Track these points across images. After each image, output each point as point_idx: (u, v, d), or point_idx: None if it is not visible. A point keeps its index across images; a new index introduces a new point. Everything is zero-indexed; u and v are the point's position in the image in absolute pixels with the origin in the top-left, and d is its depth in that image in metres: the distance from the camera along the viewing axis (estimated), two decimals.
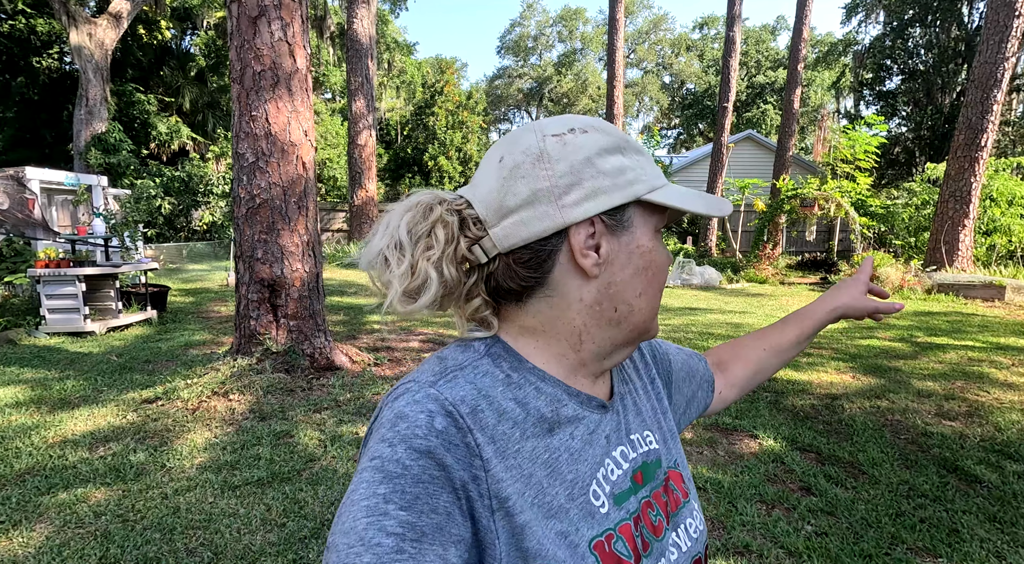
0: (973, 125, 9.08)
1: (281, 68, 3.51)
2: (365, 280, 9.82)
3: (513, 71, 41.66)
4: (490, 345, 0.51)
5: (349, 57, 12.51)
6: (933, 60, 16.81)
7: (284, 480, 2.48)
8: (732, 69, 12.71)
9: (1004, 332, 6.31)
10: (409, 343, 5.23)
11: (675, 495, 0.57)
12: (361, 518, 0.38)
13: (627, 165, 0.48)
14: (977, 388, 4.17)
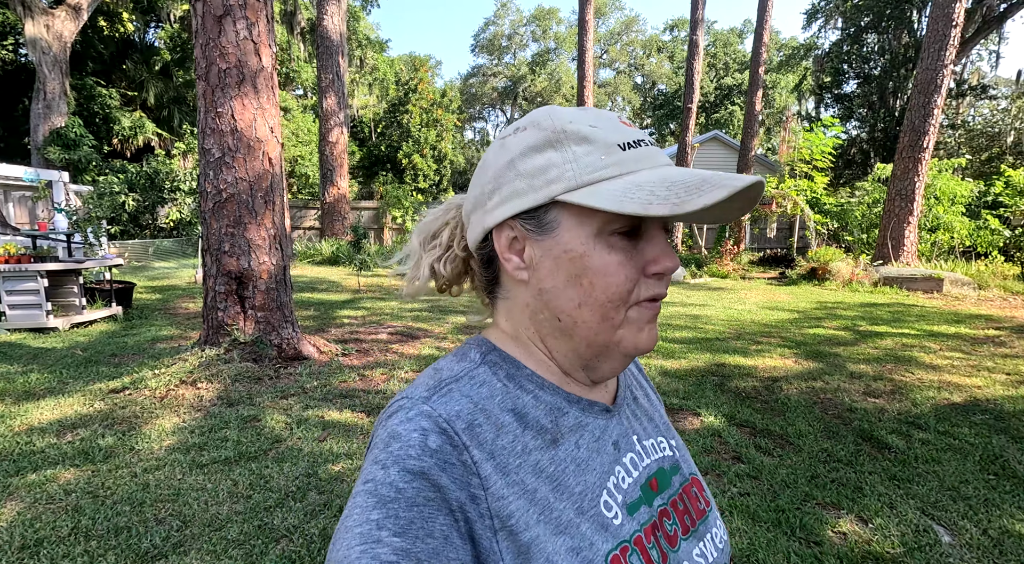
0: (916, 128, 9.64)
1: (247, 66, 3.61)
2: (336, 277, 9.90)
3: (487, 70, 41.75)
4: (486, 353, 0.50)
5: (319, 54, 12.47)
6: (885, 65, 17.64)
7: (251, 459, 2.61)
8: (696, 71, 13.13)
9: (938, 321, 6.78)
10: (378, 335, 5.37)
11: (698, 504, 0.55)
12: (355, 546, 0.37)
13: (552, 163, 0.45)
14: (904, 370, 4.54)
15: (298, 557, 1.89)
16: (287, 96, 22.55)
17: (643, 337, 0.47)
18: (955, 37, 9.25)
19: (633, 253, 0.45)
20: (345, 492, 2.34)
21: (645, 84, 40.31)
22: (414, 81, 25.36)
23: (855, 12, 17.91)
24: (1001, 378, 4.32)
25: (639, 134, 0.46)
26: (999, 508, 2.33)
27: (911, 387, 4.07)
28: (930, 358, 4.95)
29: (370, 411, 3.30)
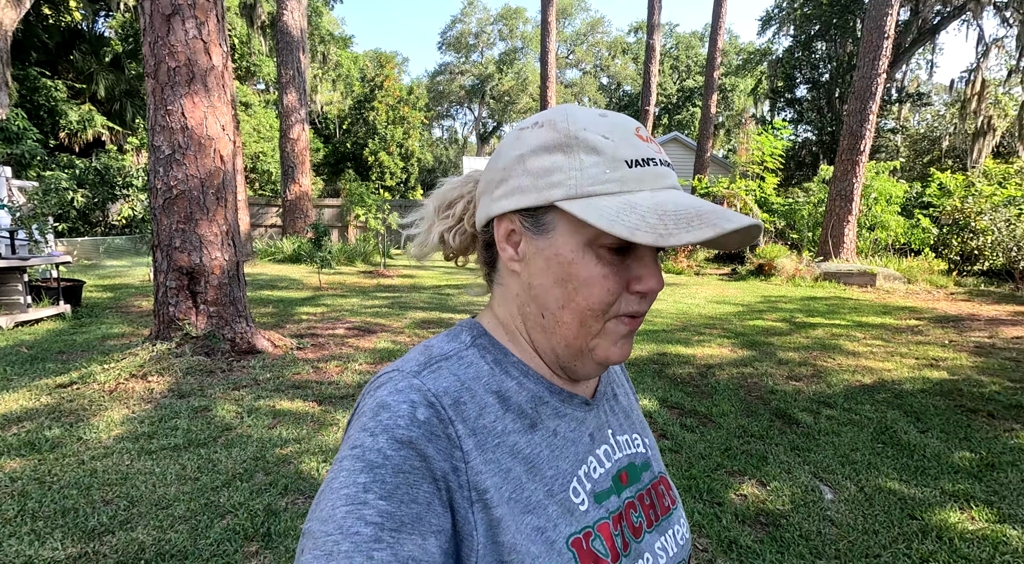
0: (854, 132, 10.27)
1: (197, 65, 3.66)
2: (298, 274, 9.86)
3: (455, 67, 41.67)
4: (476, 336, 0.52)
5: (279, 49, 12.32)
6: (832, 72, 18.57)
7: (200, 445, 2.71)
8: (652, 75, 13.56)
9: (868, 312, 7.30)
10: (335, 330, 5.46)
11: (664, 501, 0.57)
12: (340, 506, 0.38)
13: (558, 167, 0.45)
14: (827, 356, 4.93)
15: (242, 529, 2.03)
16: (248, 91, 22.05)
17: (615, 350, 0.48)
18: (887, 48, 9.89)
19: (620, 268, 0.46)
20: (292, 473, 2.47)
21: (611, 84, 41.00)
22: (380, 78, 25.17)
23: (805, 20, 18.77)
24: (910, 362, 4.75)
25: (651, 152, 0.46)
26: (878, 470, 2.65)
27: (829, 371, 4.44)
28: (853, 346, 5.37)
29: (322, 401, 3.42)
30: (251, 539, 1.98)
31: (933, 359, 4.87)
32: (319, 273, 9.43)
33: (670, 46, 36.02)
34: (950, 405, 3.62)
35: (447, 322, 6.07)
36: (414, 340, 5.14)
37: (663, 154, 0.48)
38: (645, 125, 14.75)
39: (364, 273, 10.68)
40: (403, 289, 8.73)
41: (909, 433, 3.12)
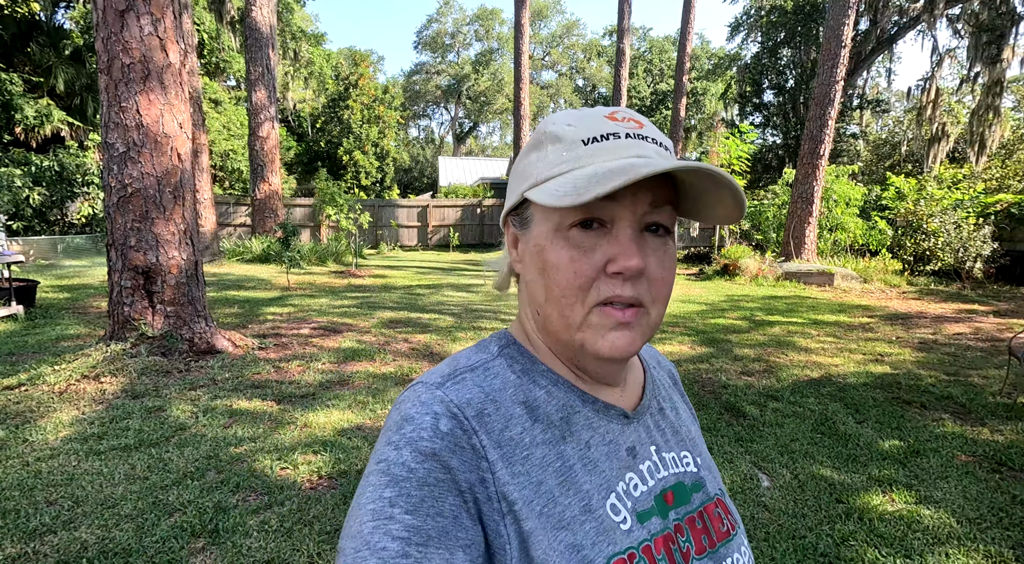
0: (814, 137, 10.63)
1: (152, 62, 3.62)
2: (266, 274, 9.73)
3: (431, 67, 41.49)
4: (504, 346, 0.51)
5: (248, 46, 12.12)
6: (797, 78, 19.17)
7: (151, 445, 2.70)
8: (623, 78, 13.78)
9: (825, 311, 7.59)
10: (300, 330, 5.43)
11: (720, 526, 0.52)
12: (367, 522, 0.38)
13: (531, 162, 0.47)
14: (780, 353, 5.13)
15: (189, 526, 2.04)
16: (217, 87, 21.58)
17: (603, 343, 0.45)
18: (845, 56, 10.28)
19: (592, 250, 0.44)
20: (245, 471, 2.49)
21: (586, 86, 41.39)
22: (354, 76, 24.92)
23: (771, 28, 19.32)
24: (857, 358, 4.98)
25: (617, 128, 0.45)
26: (814, 458, 2.80)
27: (781, 367, 4.62)
28: (806, 342, 5.59)
29: (281, 400, 3.43)
30: (198, 535, 2.00)
31: (879, 354, 5.10)
32: (288, 273, 9.32)
33: (644, 50, 36.57)
34: (888, 397, 3.82)
35: (416, 322, 6.09)
36: (380, 340, 5.16)
37: (645, 130, 0.46)
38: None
39: (335, 273, 10.59)
40: (374, 289, 8.70)
41: (847, 424, 3.29)
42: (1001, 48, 14.54)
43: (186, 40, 7.26)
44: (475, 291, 8.82)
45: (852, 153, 19.36)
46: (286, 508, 2.19)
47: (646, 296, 0.45)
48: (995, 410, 3.56)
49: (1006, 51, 14.65)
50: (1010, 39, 14.57)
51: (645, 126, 0.47)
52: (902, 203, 11.54)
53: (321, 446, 2.77)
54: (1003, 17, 14.48)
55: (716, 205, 0.46)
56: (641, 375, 0.58)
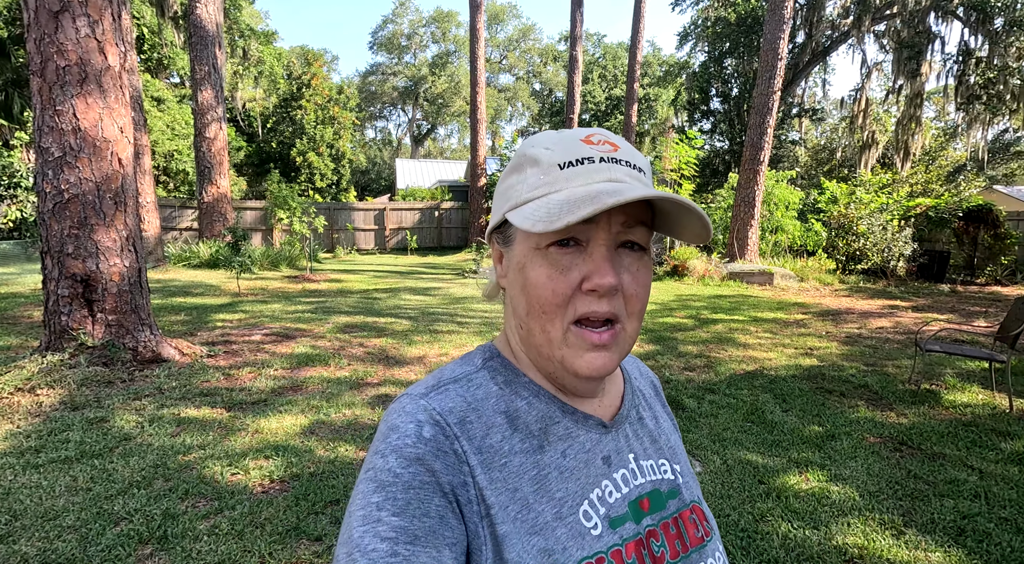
0: (755, 144, 11.24)
1: (90, 65, 3.52)
2: (216, 280, 9.44)
3: (387, 68, 41.01)
4: (488, 359, 0.53)
5: (193, 44, 11.70)
6: (740, 86, 20.14)
7: (94, 456, 2.65)
8: (576, 85, 14.12)
9: (765, 308, 8.05)
10: (251, 337, 5.35)
11: (695, 532, 0.54)
12: (357, 527, 0.40)
13: (512, 184, 0.49)
14: (721, 349, 5.45)
15: (136, 534, 2.04)
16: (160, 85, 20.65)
17: (581, 363, 0.47)
18: (782, 68, 10.93)
19: (569, 268, 0.46)
20: (194, 478, 2.49)
21: (543, 90, 41.92)
22: (307, 76, 24.37)
23: (716, 38, 20.23)
24: (790, 352, 5.36)
25: (592, 152, 0.47)
26: (742, 445, 3.04)
27: (720, 361, 4.92)
28: (745, 338, 5.95)
29: (231, 407, 3.40)
30: (146, 542, 2.01)
31: (809, 348, 5.50)
32: (238, 279, 9.08)
33: (598, 56, 37.40)
34: (813, 387, 4.15)
35: (372, 326, 6.10)
36: (335, 344, 5.15)
37: (619, 153, 0.48)
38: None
39: (289, 278, 10.37)
40: (329, 294, 8.60)
41: (774, 413, 3.57)
42: (920, 63, 15.79)
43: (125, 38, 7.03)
44: (433, 294, 8.86)
45: (792, 158, 20.50)
46: (237, 512, 2.22)
47: (621, 311, 0.47)
48: (903, 396, 3.94)
49: (924, 66, 15.91)
50: (927, 55, 15.84)
51: (620, 149, 0.48)
52: (835, 206, 12.34)
53: (273, 451, 2.79)
54: (921, 35, 15.73)
55: (687, 226, 0.49)
56: (621, 385, 0.59)
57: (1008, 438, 3.17)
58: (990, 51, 15.11)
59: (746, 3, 19.34)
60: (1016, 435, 3.21)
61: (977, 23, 15.08)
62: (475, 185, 16.58)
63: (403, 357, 4.81)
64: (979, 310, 8.17)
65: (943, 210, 11.71)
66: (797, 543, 2.11)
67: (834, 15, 17.80)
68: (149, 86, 19.38)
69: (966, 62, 15.67)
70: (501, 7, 40.91)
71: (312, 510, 2.27)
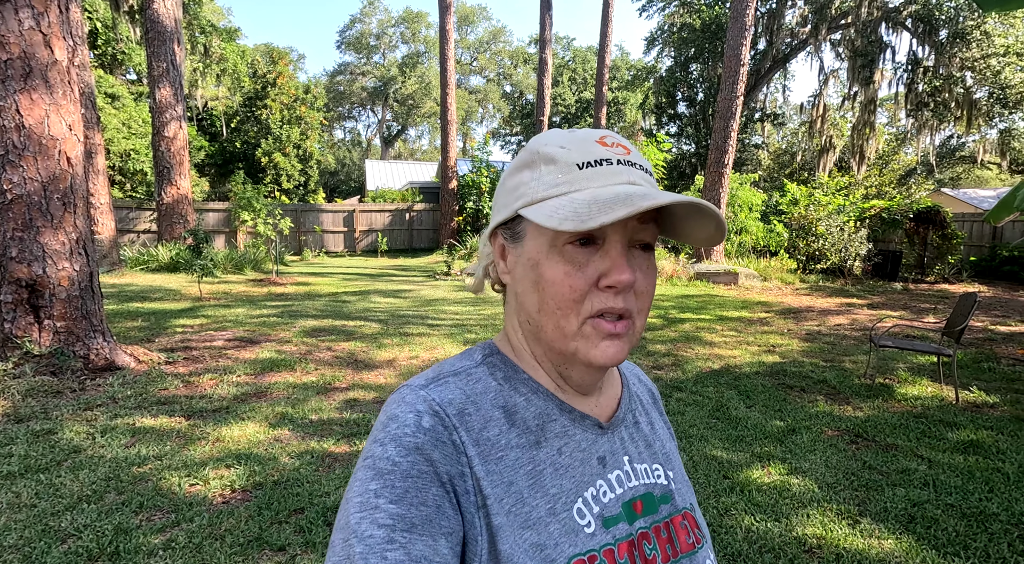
0: (719, 147, 11.54)
1: (35, 59, 3.34)
2: (176, 284, 9.11)
3: (356, 68, 40.43)
4: (488, 355, 0.54)
5: (150, 39, 11.28)
6: (706, 91, 20.65)
7: (40, 471, 2.51)
8: (546, 87, 14.22)
9: (730, 308, 8.26)
10: (213, 342, 5.17)
11: (686, 537, 0.54)
12: (354, 513, 0.41)
13: (523, 181, 0.50)
14: (688, 347, 5.56)
15: (86, 551, 1.94)
16: (115, 81, 19.83)
17: (596, 352, 0.47)
18: (744, 74, 11.26)
19: (586, 265, 0.47)
20: (149, 490, 2.39)
21: (514, 93, 42.06)
22: (272, 74, 23.81)
23: (682, 43, 20.68)
24: (753, 349, 5.51)
25: (609, 153, 0.48)
26: (707, 441, 3.10)
27: (687, 360, 5.02)
28: (711, 337, 6.09)
29: (191, 415, 3.28)
30: (96, 559, 1.91)
31: (772, 346, 5.67)
32: (200, 283, 8.78)
33: (568, 59, 37.76)
34: (775, 384, 4.28)
35: (340, 329, 5.99)
36: (301, 349, 5.03)
37: (632, 156, 0.49)
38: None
39: (253, 282, 10.09)
40: (296, 297, 8.40)
41: (738, 409, 3.66)
42: (872, 71, 16.51)
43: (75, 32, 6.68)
44: (404, 297, 8.76)
45: (755, 162, 21.13)
46: (195, 524, 2.14)
47: (634, 307, 0.48)
48: (859, 390, 4.10)
49: (877, 74, 16.65)
50: (880, 64, 16.58)
51: (632, 152, 0.50)
52: (795, 208, 12.77)
53: (235, 460, 2.70)
54: (873, 45, 16.46)
55: (698, 229, 0.50)
56: (619, 389, 0.60)
57: (954, 428, 3.34)
58: (936, 61, 15.93)
59: (710, 10, 19.86)
60: (961, 425, 3.38)
61: (924, 34, 15.88)
62: (446, 187, 16.49)
63: (372, 361, 4.73)
64: (929, 307, 8.59)
65: (895, 211, 12.26)
66: (759, 535, 2.17)
67: (793, 23, 18.45)
68: (103, 82, 18.60)
69: (915, 71, 16.48)
70: (471, 9, 40.89)
71: (276, 520, 2.21)
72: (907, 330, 6.48)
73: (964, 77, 15.86)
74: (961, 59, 15.44)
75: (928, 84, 16.30)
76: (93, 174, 9.67)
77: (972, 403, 3.84)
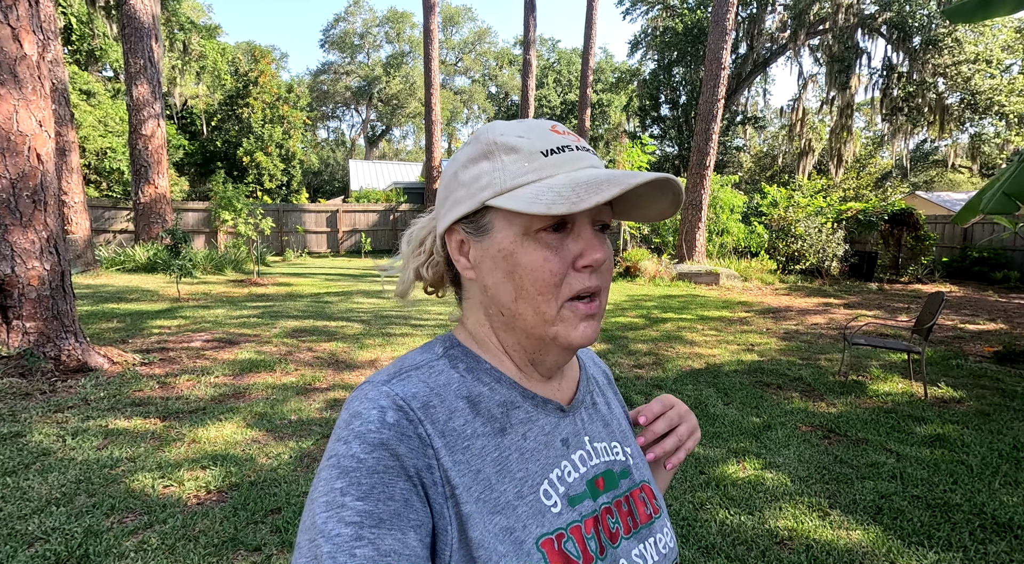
0: (701, 149, 11.69)
1: (3, 53, 3.26)
2: (154, 285, 8.95)
3: (340, 67, 40.09)
4: (449, 348, 0.54)
5: (126, 35, 11.06)
6: (688, 94, 20.90)
7: (7, 474, 2.45)
8: (530, 88, 14.28)
9: (711, 307, 8.37)
10: (191, 343, 5.09)
11: (644, 509, 0.57)
12: (320, 513, 0.40)
13: (484, 172, 0.49)
14: (669, 347, 5.62)
15: (54, 554, 1.91)
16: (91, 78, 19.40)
17: (576, 334, 0.49)
18: (725, 77, 11.43)
19: (560, 249, 0.48)
20: (122, 492, 2.35)
21: (499, 94, 42.09)
22: (254, 73, 23.48)
23: (665, 47, 20.93)
24: (733, 348, 5.59)
25: (566, 140, 0.50)
26: None
27: (668, 359, 5.08)
28: (692, 336, 6.17)
29: (166, 416, 3.23)
30: (64, 562, 1.88)
31: (751, 345, 5.76)
32: (178, 283, 8.63)
33: (553, 61, 37.92)
34: (753, 381, 4.35)
35: (322, 330, 5.94)
36: (281, 349, 4.98)
37: (582, 142, 0.51)
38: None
39: (234, 282, 9.94)
40: (277, 298, 8.30)
41: (716, 406, 3.72)
42: (849, 77, 16.89)
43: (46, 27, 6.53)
44: (387, 297, 8.71)
45: (737, 164, 21.44)
46: (168, 525, 2.11)
47: (602, 285, 0.50)
48: (833, 387, 4.19)
49: (853, 79, 17.04)
50: (856, 69, 16.97)
51: (581, 140, 0.53)
52: (775, 210, 12.99)
53: (211, 461, 2.67)
54: (850, 51, 16.83)
55: (653, 206, 0.53)
56: (577, 371, 0.62)
57: (922, 423, 3.44)
58: (910, 67, 16.35)
59: (692, 14, 20.12)
60: (929, 420, 3.48)
61: (898, 41, 16.29)
62: (431, 187, 16.44)
63: (354, 361, 4.70)
64: (902, 306, 8.81)
65: (871, 214, 12.54)
66: (733, 528, 2.21)
67: (773, 28, 18.79)
68: (78, 79, 18.18)
69: (889, 76, 16.90)
70: (456, 9, 40.85)
71: (251, 520, 2.19)
72: (882, 329, 6.64)
73: (936, 83, 16.31)
74: (933, 65, 15.88)
75: (902, 89, 16.72)
76: (67, 172, 9.45)
77: (940, 399, 3.96)
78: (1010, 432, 3.29)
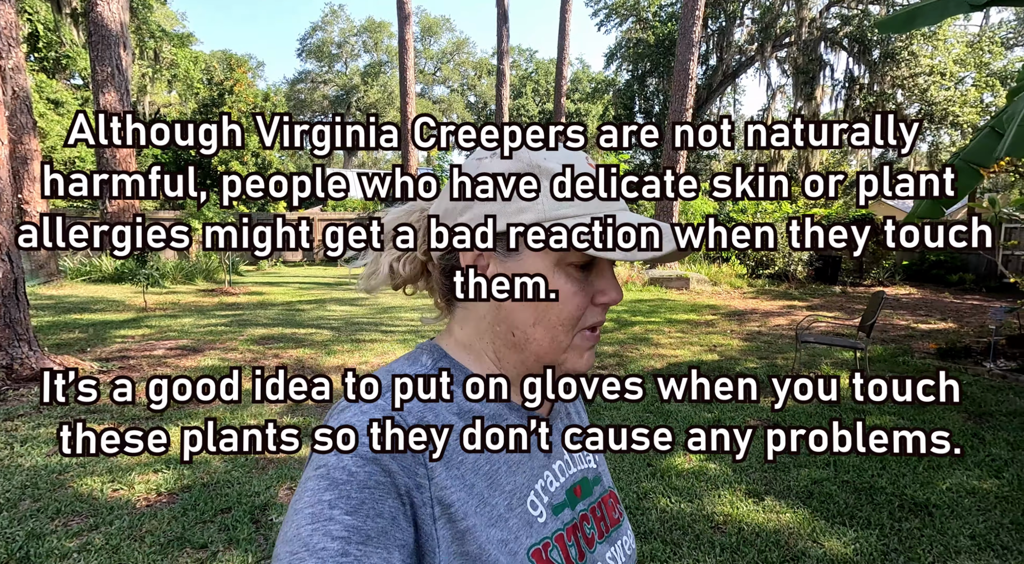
0: (671, 157, 11.97)
1: None
2: (120, 295, 8.78)
3: (317, 76, 39.96)
4: (437, 359, 0.53)
5: (93, 43, 10.91)
6: (660, 104, 21.37)
7: None
8: (504, 98, 14.48)
9: (680, 311, 8.55)
10: (154, 351, 5.04)
11: (612, 514, 0.59)
12: (305, 525, 0.39)
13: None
14: (634, 348, 5.75)
15: None
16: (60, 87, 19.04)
17: (582, 361, 0.51)
18: (692, 87, 11.76)
19: (585, 284, 0.49)
20: (69, 496, 2.34)
21: (478, 103, 42.38)
22: (230, 81, 23.29)
23: (638, 58, 21.39)
24: (696, 349, 5.74)
25: (600, 175, 0.50)
26: None
27: (632, 359, 5.20)
28: (659, 338, 6.31)
29: (121, 423, 3.21)
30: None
31: (713, 345, 5.92)
32: (144, 293, 8.49)
33: (531, 71, 38.38)
34: (710, 379, 4.49)
35: (290, 337, 5.92)
36: (247, 356, 4.96)
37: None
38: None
39: (204, 292, 9.82)
40: (248, 307, 8.23)
41: (671, 403, 3.83)
42: (814, 88, 17.49)
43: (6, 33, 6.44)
44: (360, 304, 8.70)
45: (709, 172, 21.92)
46: (115, 527, 2.12)
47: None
48: (784, 384, 4.34)
49: (818, 90, 17.65)
50: (820, 81, 17.58)
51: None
52: (744, 216, 13.34)
53: (164, 464, 2.67)
54: (814, 63, 17.45)
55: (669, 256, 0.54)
56: None
57: (861, 415, 3.60)
58: (871, 79, 17.02)
59: (663, 26, 20.64)
60: (868, 411, 3.64)
61: (859, 54, 16.96)
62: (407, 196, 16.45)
63: (320, 367, 4.71)
64: (862, 308, 9.11)
65: (834, 219, 12.96)
66: (672, 515, 2.30)
67: (742, 41, 19.38)
68: (46, 87, 17.84)
69: (852, 88, 17.55)
70: (435, 20, 41.12)
71: (200, 520, 2.21)
72: (839, 329, 6.88)
73: (895, 94, 17.00)
74: (892, 77, 16.56)
75: (864, 100, 17.37)
76: (28, 181, 9.27)
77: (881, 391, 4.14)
78: (940, 420, 3.47)
